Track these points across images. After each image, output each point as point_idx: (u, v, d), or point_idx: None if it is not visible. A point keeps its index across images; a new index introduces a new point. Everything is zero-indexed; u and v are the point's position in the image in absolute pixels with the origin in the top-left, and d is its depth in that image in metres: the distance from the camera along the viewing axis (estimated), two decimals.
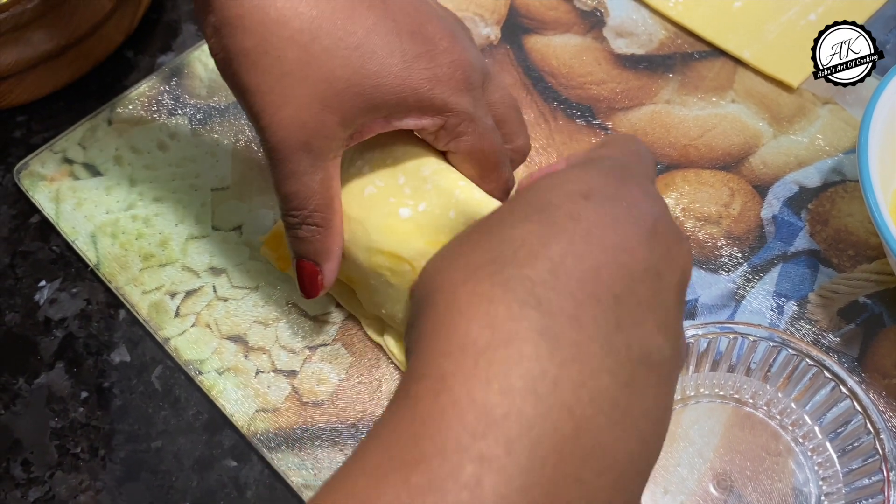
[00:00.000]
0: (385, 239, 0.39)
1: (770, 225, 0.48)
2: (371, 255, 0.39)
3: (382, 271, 0.39)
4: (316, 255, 0.39)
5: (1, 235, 0.50)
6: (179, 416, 0.44)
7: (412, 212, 0.39)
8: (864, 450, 0.38)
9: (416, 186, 0.39)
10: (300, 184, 0.37)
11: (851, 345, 0.44)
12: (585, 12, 0.58)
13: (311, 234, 0.38)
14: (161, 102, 0.54)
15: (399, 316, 0.40)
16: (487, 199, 0.38)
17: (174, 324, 0.45)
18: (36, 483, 0.42)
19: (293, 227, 0.38)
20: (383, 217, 0.39)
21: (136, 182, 0.50)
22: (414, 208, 0.39)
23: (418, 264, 0.38)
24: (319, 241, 0.39)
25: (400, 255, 0.39)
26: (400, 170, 0.40)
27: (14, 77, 0.52)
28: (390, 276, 0.39)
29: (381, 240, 0.39)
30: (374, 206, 0.39)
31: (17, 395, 0.44)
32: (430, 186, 0.39)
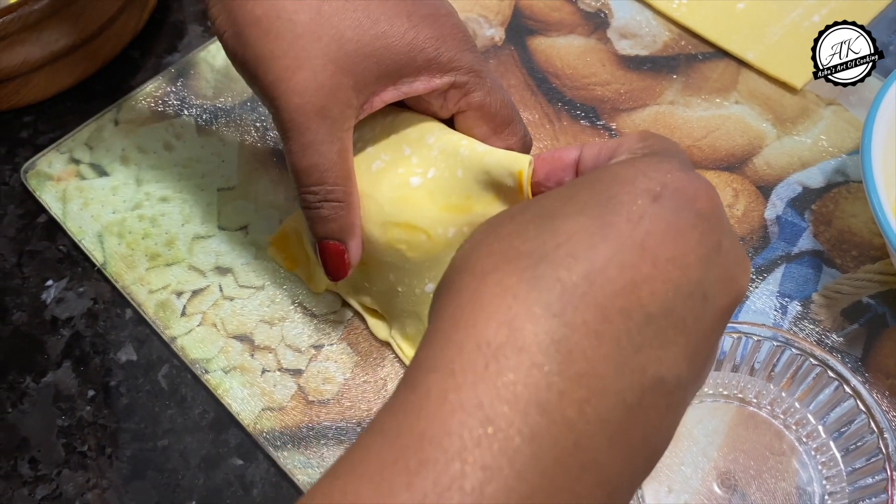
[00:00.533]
0: (399, 210, 0.39)
1: (774, 225, 0.48)
2: (387, 230, 0.39)
3: (399, 245, 0.39)
4: (341, 233, 0.38)
5: (8, 235, 0.50)
6: (186, 414, 0.44)
7: (422, 179, 0.39)
8: (868, 449, 0.38)
9: (422, 155, 0.39)
10: (319, 155, 0.36)
11: (855, 345, 0.44)
12: (589, 14, 0.58)
13: (333, 211, 0.38)
14: (167, 103, 0.54)
15: (416, 291, 0.40)
16: (490, 149, 0.38)
17: (180, 323, 0.46)
18: (43, 481, 0.42)
19: (314, 205, 0.38)
20: (394, 189, 0.39)
21: (142, 182, 0.51)
22: (423, 176, 0.39)
23: (434, 232, 0.38)
24: (343, 217, 0.38)
25: (416, 225, 0.39)
26: (404, 141, 0.40)
27: (21, 77, 0.53)
28: (407, 250, 0.39)
29: (395, 212, 0.39)
30: (383, 179, 0.39)
31: (24, 393, 0.45)
32: (435, 153, 0.39)
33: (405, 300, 0.41)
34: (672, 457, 0.40)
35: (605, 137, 0.52)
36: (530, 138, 0.42)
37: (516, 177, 0.36)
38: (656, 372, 0.25)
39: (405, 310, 0.42)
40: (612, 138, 0.34)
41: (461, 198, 0.38)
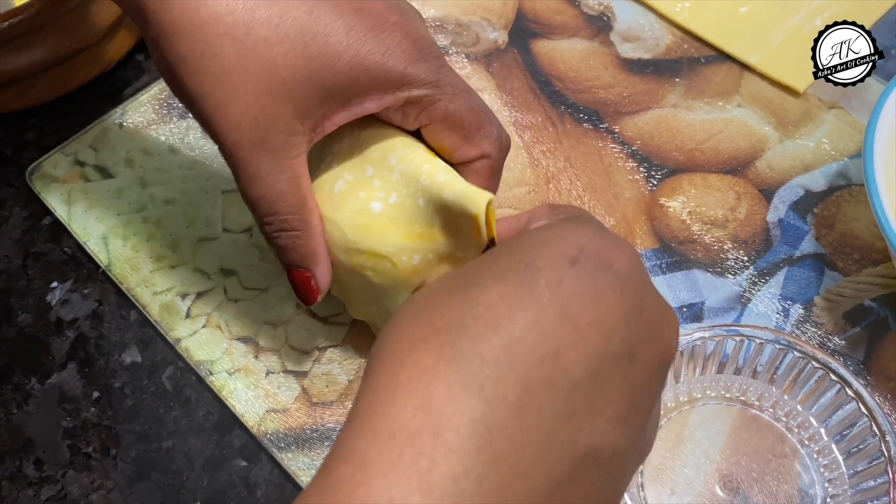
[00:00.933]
0: (361, 237, 0.38)
1: (776, 229, 0.49)
2: (351, 256, 0.38)
3: (365, 271, 0.38)
4: (302, 261, 0.38)
5: (13, 237, 0.50)
6: (190, 416, 0.44)
7: (383, 205, 0.37)
8: (870, 452, 0.38)
9: (384, 177, 0.38)
10: (265, 186, 0.35)
11: (857, 348, 0.44)
12: (592, 17, 0.58)
13: (290, 241, 0.37)
14: (172, 106, 0.54)
15: (390, 311, 0.39)
16: (449, 181, 0.36)
17: (185, 325, 0.46)
18: (48, 482, 0.42)
19: (271, 236, 0.37)
20: (356, 214, 0.38)
21: (147, 184, 0.51)
22: (385, 201, 0.37)
23: (398, 259, 0.37)
24: (302, 245, 0.37)
25: (378, 253, 0.37)
26: (367, 161, 0.38)
27: (26, 80, 0.53)
28: (373, 276, 0.38)
29: (357, 239, 0.38)
30: (345, 203, 0.38)
31: (29, 394, 0.45)
32: (397, 175, 0.37)
33: (382, 320, 0.41)
34: (674, 459, 0.40)
35: (607, 140, 0.52)
36: (507, 137, 0.39)
37: (473, 220, 0.35)
38: (588, 441, 0.24)
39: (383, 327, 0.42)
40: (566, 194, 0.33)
41: (424, 226, 0.37)
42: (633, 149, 0.52)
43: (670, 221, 0.49)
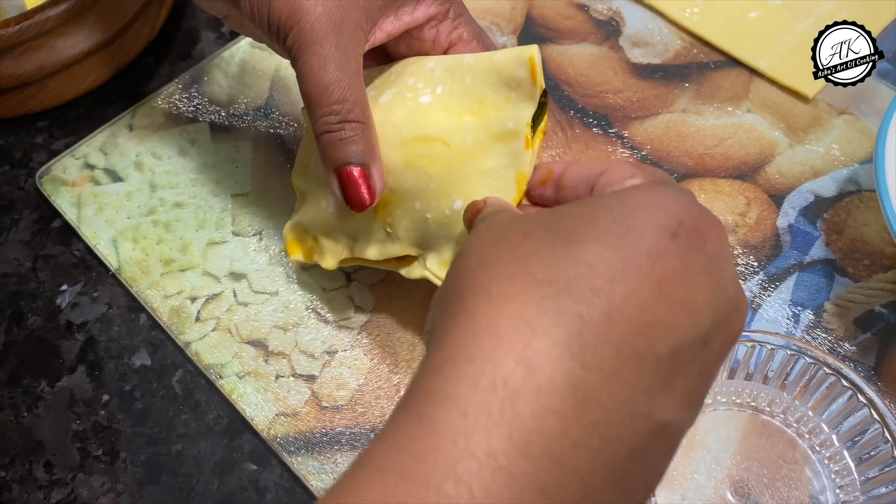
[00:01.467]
0: (415, 125, 0.39)
1: (786, 234, 0.49)
2: (406, 149, 0.39)
3: (420, 162, 0.39)
4: (363, 155, 0.37)
5: (23, 240, 0.50)
6: (200, 419, 0.44)
7: (431, 96, 0.40)
8: (882, 458, 0.38)
9: (426, 78, 0.40)
10: (339, 70, 0.36)
11: (867, 354, 0.44)
12: (601, 22, 0.58)
13: (354, 132, 0.37)
14: (181, 109, 0.54)
15: (446, 212, 0.39)
16: (493, 52, 0.39)
17: (195, 328, 0.46)
18: (58, 485, 0.42)
19: (334, 127, 0.37)
20: (407, 110, 0.40)
21: (156, 188, 0.51)
22: (432, 93, 0.40)
23: (452, 140, 0.39)
24: (365, 138, 0.37)
25: (434, 137, 0.39)
26: (404, 73, 0.41)
27: (37, 83, 0.53)
28: (429, 165, 0.39)
29: (411, 128, 0.39)
30: (394, 106, 0.40)
31: (39, 397, 0.45)
32: (439, 72, 0.40)
33: (436, 225, 0.40)
34: (685, 465, 0.40)
35: (617, 145, 0.52)
36: None
37: (528, 64, 0.38)
38: (662, 417, 0.24)
39: (438, 236, 0.40)
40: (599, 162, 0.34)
41: (474, 103, 0.39)
42: (642, 154, 0.52)
43: None
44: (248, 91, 0.55)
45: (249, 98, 0.55)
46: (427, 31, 0.40)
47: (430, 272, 0.41)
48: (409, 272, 0.42)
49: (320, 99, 0.36)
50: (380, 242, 0.42)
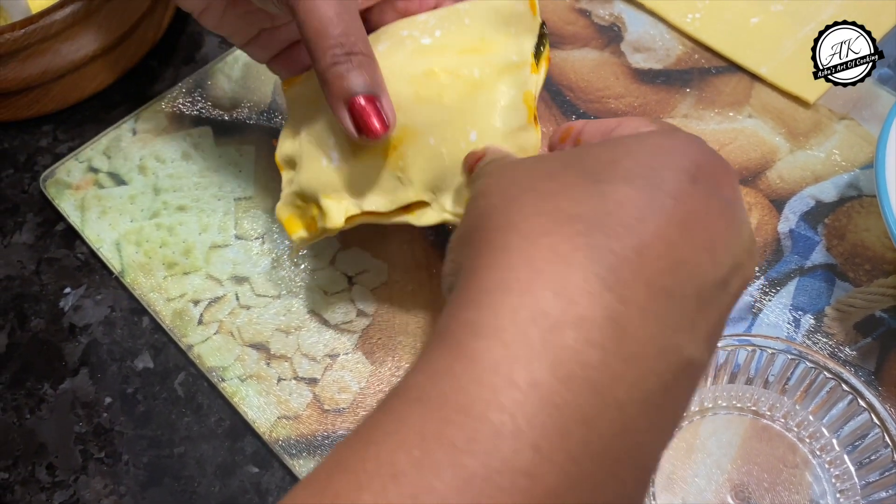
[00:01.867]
0: (419, 62, 0.39)
1: (787, 239, 0.49)
2: (413, 83, 0.39)
3: (430, 93, 0.39)
4: (372, 85, 0.37)
5: (27, 242, 0.51)
6: (202, 422, 0.44)
7: (431, 39, 0.40)
8: (882, 463, 0.38)
9: (421, 28, 0.41)
10: (341, 6, 0.36)
11: (868, 358, 0.44)
12: (603, 27, 0.58)
13: (362, 64, 0.36)
14: (185, 113, 0.55)
15: (462, 145, 0.39)
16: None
17: (197, 331, 0.46)
18: (61, 487, 0.43)
19: (341, 58, 0.36)
20: (409, 51, 0.40)
21: (160, 191, 0.51)
22: (431, 35, 0.40)
23: (460, 72, 0.39)
24: (372, 70, 0.37)
25: (439, 69, 0.39)
26: (398, 28, 0.41)
27: (41, 87, 0.53)
28: (440, 96, 0.38)
29: (415, 65, 0.39)
30: (394, 52, 0.40)
31: (42, 399, 0.45)
32: (433, 20, 0.40)
33: (452, 161, 0.39)
34: (686, 469, 0.41)
35: None
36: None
37: None
38: (688, 354, 0.25)
39: (456, 172, 0.39)
40: None
41: (475, 41, 0.39)
42: None
43: None
44: (251, 95, 0.55)
45: (253, 102, 0.55)
46: None
47: (449, 212, 0.40)
48: (419, 218, 0.41)
49: (325, 31, 0.36)
50: (390, 191, 0.41)
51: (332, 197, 0.41)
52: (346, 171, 0.41)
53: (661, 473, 0.40)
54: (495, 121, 0.38)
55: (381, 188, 0.40)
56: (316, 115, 0.41)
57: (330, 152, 0.41)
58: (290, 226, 0.43)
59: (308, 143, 0.42)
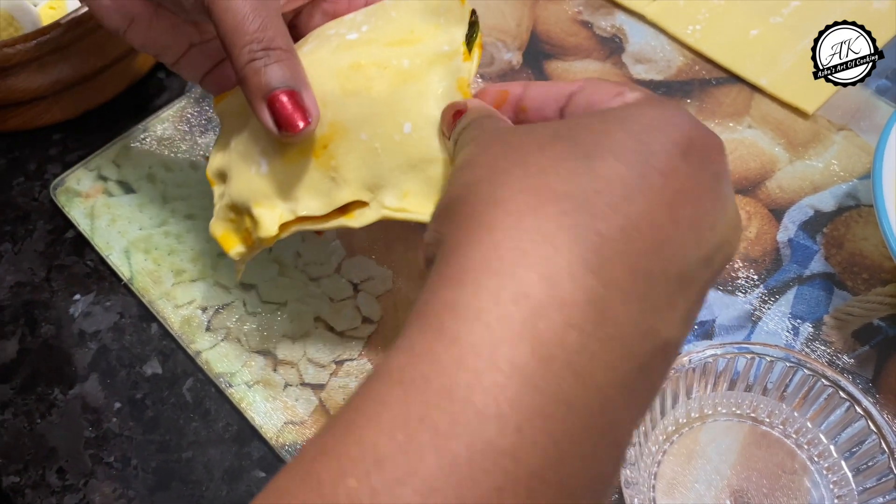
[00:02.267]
0: (346, 56, 0.38)
1: (786, 248, 0.49)
2: (340, 76, 0.38)
3: (358, 86, 0.37)
4: (292, 79, 0.36)
5: (37, 250, 0.51)
6: (210, 427, 0.45)
7: (358, 34, 0.39)
8: (879, 469, 0.39)
9: (348, 25, 0.40)
10: (259, 2, 0.35)
11: (866, 366, 0.45)
12: (605, 38, 0.59)
13: (280, 59, 0.36)
14: (192, 122, 0.55)
15: (396, 138, 0.37)
16: None
17: (205, 337, 0.47)
18: (71, 490, 0.43)
19: (258, 55, 0.35)
20: (334, 46, 0.39)
21: (168, 199, 0.52)
22: (358, 31, 0.39)
23: (389, 63, 0.37)
24: (291, 65, 0.36)
25: (367, 62, 0.37)
26: (324, 31, 0.40)
27: (52, 97, 0.54)
28: (368, 89, 0.37)
29: (341, 59, 0.38)
30: (319, 48, 0.39)
31: (52, 404, 0.46)
32: (360, 17, 0.39)
33: (389, 155, 0.37)
34: (686, 474, 0.41)
35: None
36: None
37: None
38: (666, 335, 0.25)
39: (392, 167, 0.37)
40: None
41: (403, 33, 0.38)
42: None
43: None
44: None
45: None
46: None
47: (390, 209, 0.38)
48: (358, 219, 0.39)
49: (241, 27, 0.35)
50: (324, 193, 0.38)
51: (264, 204, 0.39)
52: (277, 176, 0.39)
53: (661, 479, 0.41)
54: (431, 109, 0.37)
55: (314, 191, 0.38)
56: (244, 125, 0.40)
57: (259, 159, 0.39)
58: (225, 242, 0.41)
59: (237, 153, 0.40)
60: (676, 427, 0.42)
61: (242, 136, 0.40)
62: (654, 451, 0.41)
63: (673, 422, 0.42)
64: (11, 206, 0.53)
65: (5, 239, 0.52)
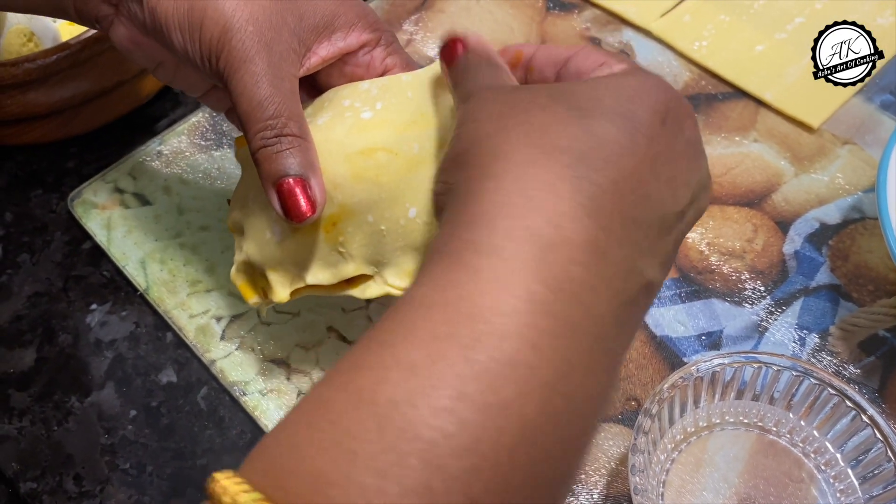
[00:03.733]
0: (358, 139, 0.38)
1: (792, 260, 0.50)
2: (352, 162, 0.38)
3: (368, 173, 0.38)
4: (301, 167, 0.37)
5: (55, 260, 0.52)
6: (224, 435, 0.45)
7: (372, 112, 0.39)
8: (885, 477, 0.39)
9: (364, 98, 0.40)
10: (273, 86, 0.37)
11: (872, 376, 0.46)
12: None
13: (291, 145, 0.37)
14: (207, 136, 0.56)
15: (401, 222, 0.39)
16: (431, 67, 0.39)
17: (220, 347, 0.48)
18: (87, 497, 0.44)
19: (270, 141, 0.37)
20: (348, 126, 0.39)
21: (183, 211, 0.53)
22: (372, 109, 0.39)
23: (400, 149, 0.38)
24: (303, 151, 0.37)
25: (379, 147, 0.38)
26: (339, 98, 0.41)
27: (70, 111, 0.55)
28: (377, 176, 0.38)
29: (354, 142, 0.38)
30: (334, 125, 0.39)
31: (69, 412, 0.47)
32: (375, 91, 0.40)
33: (393, 237, 0.39)
34: (694, 482, 0.42)
35: None
36: None
37: None
38: (649, 276, 0.28)
39: (395, 248, 0.39)
40: None
41: (416, 115, 0.39)
42: None
43: (689, 252, 0.50)
44: None
45: None
46: (361, 56, 0.41)
47: (392, 286, 0.40)
48: (363, 292, 0.41)
49: (254, 115, 0.37)
50: (332, 265, 0.40)
51: (277, 270, 0.41)
52: (288, 245, 0.40)
53: (669, 487, 0.41)
54: None
55: (323, 262, 0.40)
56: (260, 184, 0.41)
57: (273, 226, 0.40)
58: (244, 291, 0.43)
59: (253, 213, 0.41)
60: (685, 436, 0.43)
61: (260, 196, 0.40)
62: (662, 460, 0.42)
63: (681, 430, 0.43)
64: (29, 218, 0.54)
65: (23, 250, 0.53)
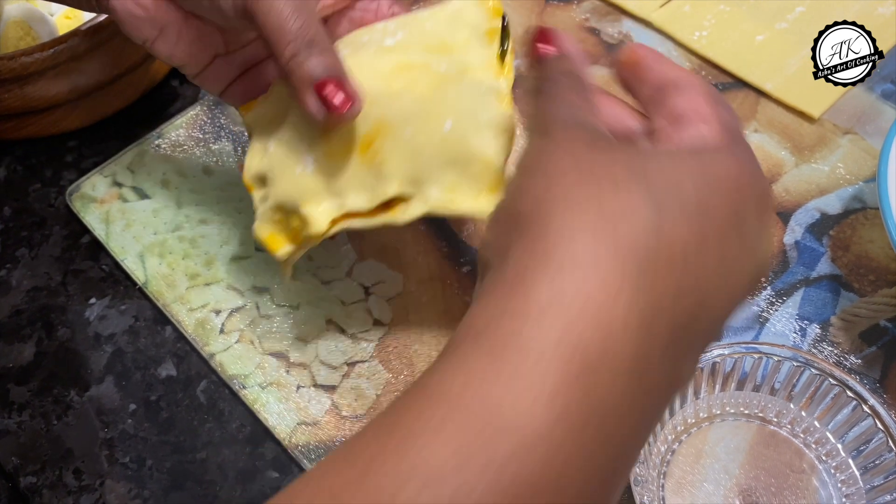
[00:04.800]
0: (386, 60, 0.40)
1: (793, 250, 0.50)
2: (384, 78, 0.39)
3: (401, 85, 0.39)
4: (337, 69, 0.38)
5: (53, 255, 0.52)
6: (223, 428, 0.45)
7: (394, 40, 0.40)
8: (886, 467, 0.39)
9: (382, 31, 0.41)
10: (298, 7, 0.38)
11: (873, 367, 0.45)
12: (612, 45, 0.60)
13: (323, 52, 0.38)
14: (205, 129, 0.56)
15: (438, 134, 0.38)
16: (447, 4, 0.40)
17: (219, 340, 0.48)
18: (87, 491, 0.44)
19: (302, 48, 0.38)
20: (374, 51, 0.40)
21: (182, 204, 0.53)
22: (394, 38, 0.40)
23: (427, 65, 0.39)
24: (334, 56, 0.38)
25: (406, 64, 0.39)
26: (358, 36, 0.42)
27: (68, 104, 0.55)
28: (409, 89, 0.39)
29: (382, 62, 0.40)
30: (358, 53, 0.40)
31: (69, 406, 0.47)
32: (393, 26, 0.41)
33: (431, 151, 0.39)
34: (695, 474, 0.42)
35: None
36: None
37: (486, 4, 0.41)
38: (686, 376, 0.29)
39: (435, 163, 0.39)
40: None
41: (438, 42, 0.39)
42: None
43: None
44: None
45: None
46: (369, 2, 0.43)
47: (436, 202, 0.39)
48: (403, 213, 0.40)
49: (285, 27, 0.37)
50: (370, 188, 0.40)
51: (312, 202, 0.40)
52: (323, 173, 0.40)
53: (670, 478, 0.41)
54: (470, 108, 0.38)
55: (360, 186, 0.40)
56: (282, 128, 0.41)
57: (304, 158, 0.40)
58: (271, 243, 0.42)
59: (279, 156, 0.41)
60: (685, 426, 0.43)
61: (284, 139, 0.41)
62: (663, 451, 0.42)
63: (682, 421, 0.43)
64: (28, 212, 0.54)
65: (22, 244, 0.53)
